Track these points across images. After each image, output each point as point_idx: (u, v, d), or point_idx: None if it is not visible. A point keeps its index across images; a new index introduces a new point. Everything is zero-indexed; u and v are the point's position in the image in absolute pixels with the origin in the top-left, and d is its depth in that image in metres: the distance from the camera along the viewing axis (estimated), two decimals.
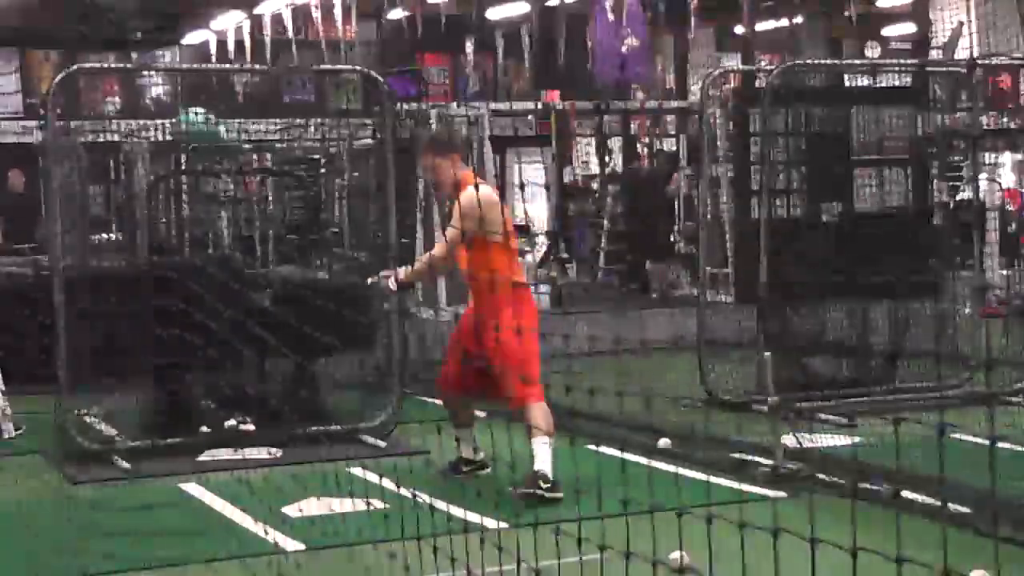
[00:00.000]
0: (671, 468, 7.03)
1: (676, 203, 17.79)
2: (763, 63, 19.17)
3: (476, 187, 7.26)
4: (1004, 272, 15.04)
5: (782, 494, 7.30)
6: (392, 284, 7.90)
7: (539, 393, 7.35)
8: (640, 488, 2.64)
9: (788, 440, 7.97)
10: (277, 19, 22.92)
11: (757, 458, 7.94)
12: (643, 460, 7.63)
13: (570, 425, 7.82)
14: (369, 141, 10.87)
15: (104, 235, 12.71)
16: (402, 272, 7.94)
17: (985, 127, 13.18)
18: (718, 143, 14.44)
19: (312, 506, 4.73)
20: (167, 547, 5.26)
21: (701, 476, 7.24)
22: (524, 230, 16.73)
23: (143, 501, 5.86)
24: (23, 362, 9.79)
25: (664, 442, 8.46)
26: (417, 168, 13.00)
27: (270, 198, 13.63)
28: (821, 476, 7.57)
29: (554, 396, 7.54)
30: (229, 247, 11.57)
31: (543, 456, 7.31)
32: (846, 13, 21.86)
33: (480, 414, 8.14)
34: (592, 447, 7.67)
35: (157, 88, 20.31)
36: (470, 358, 7.66)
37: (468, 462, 7.93)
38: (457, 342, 7.93)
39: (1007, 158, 17.84)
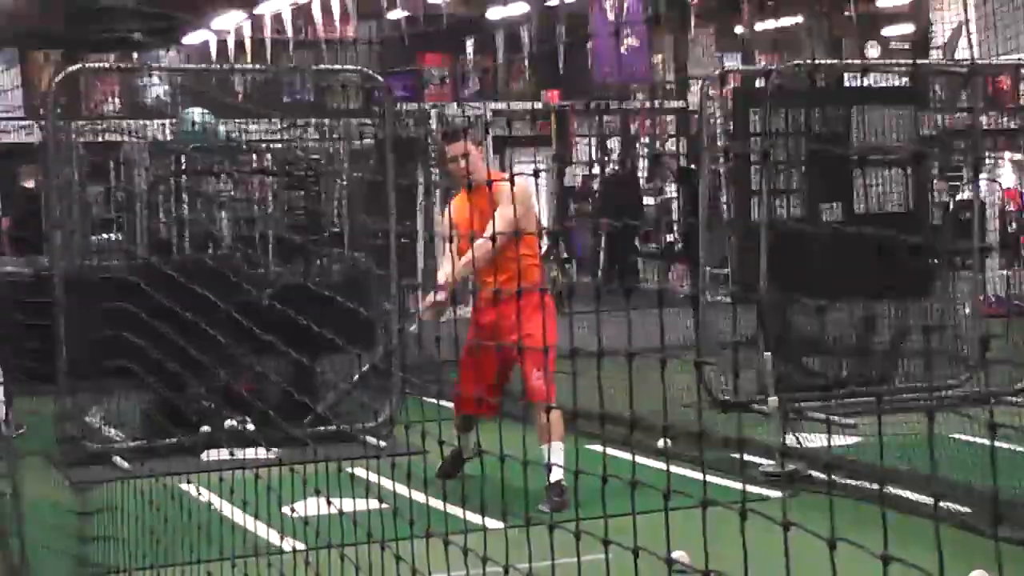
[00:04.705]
0: (672, 469, 7.04)
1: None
2: (763, 63, 19.17)
3: (513, 180, 7.01)
4: (1004, 272, 15.04)
5: (782, 494, 7.30)
6: (433, 307, 7.63)
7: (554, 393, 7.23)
8: (639, 488, 2.64)
9: (788, 440, 7.98)
10: (277, 19, 22.92)
11: (757, 458, 7.95)
12: (643, 460, 7.66)
13: (570, 425, 7.82)
14: (369, 141, 10.87)
15: (104, 235, 12.70)
16: (441, 287, 7.52)
17: (985, 127, 13.18)
18: (718, 143, 14.44)
19: (312, 506, 4.74)
20: (167, 547, 5.26)
21: (701, 476, 7.25)
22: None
23: (143, 501, 5.85)
24: (23, 362, 9.78)
25: (664, 442, 8.46)
26: (421, 165, 13.01)
27: (270, 198, 13.61)
28: (820, 476, 7.59)
29: (566, 397, 7.51)
30: (229, 247, 11.56)
31: (560, 463, 7.30)
32: (846, 13, 21.88)
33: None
34: (591, 447, 7.68)
35: (157, 88, 20.30)
36: (488, 362, 7.54)
37: (464, 460, 7.94)
38: (471, 354, 7.63)
39: (1007, 158, 17.84)
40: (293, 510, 4.90)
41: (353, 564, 3.58)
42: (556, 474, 7.24)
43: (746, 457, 8.01)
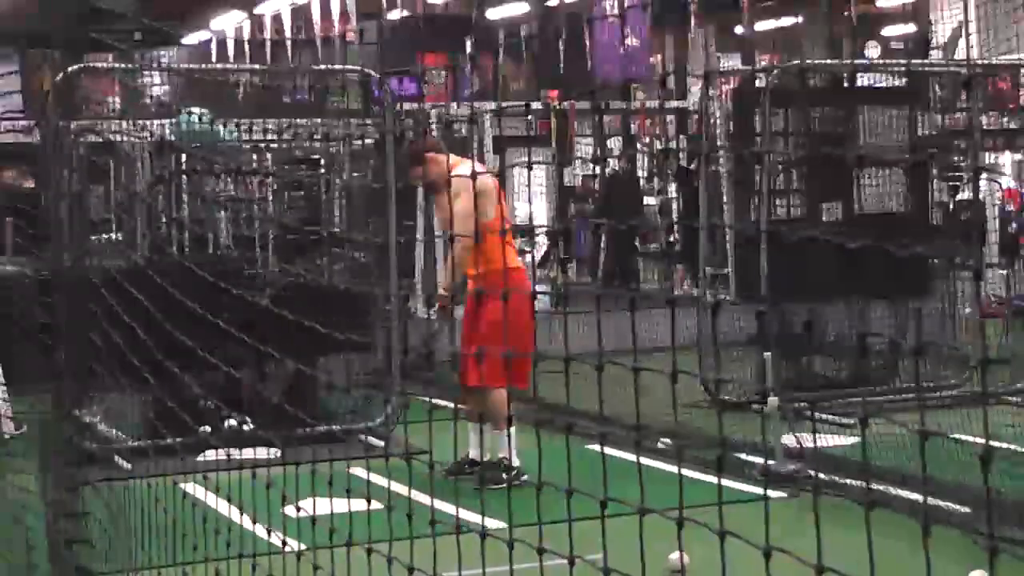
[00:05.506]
0: (670, 468, 7.04)
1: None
2: (763, 63, 19.17)
3: (474, 170, 7.30)
4: (1004, 272, 15.03)
5: (782, 494, 7.30)
6: (440, 305, 8.17)
7: (499, 378, 7.28)
8: (640, 488, 2.64)
9: (788, 440, 7.98)
10: (277, 19, 22.94)
11: (757, 458, 7.95)
12: (643, 460, 7.66)
13: (568, 425, 7.82)
14: (370, 141, 10.87)
15: (104, 235, 12.69)
16: (442, 287, 8.23)
17: (985, 127, 13.17)
18: (718, 143, 14.43)
19: (312, 506, 4.74)
20: (167, 547, 5.27)
21: (701, 476, 7.25)
22: (525, 231, 16.76)
23: (143, 501, 5.85)
24: (23, 362, 9.78)
25: (664, 442, 8.47)
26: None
27: (270, 198, 13.61)
28: (820, 476, 7.58)
29: (553, 396, 7.54)
30: (229, 247, 11.55)
31: (500, 444, 7.58)
32: (846, 13, 21.88)
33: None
34: (590, 447, 7.70)
35: (157, 88, 20.28)
36: (468, 343, 7.83)
37: (473, 463, 7.91)
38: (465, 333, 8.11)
39: (1007, 158, 17.83)
40: (297, 509, 4.93)
41: (353, 564, 3.59)
42: (499, 452, 7.65)
43: (745, 457, 8.01)
